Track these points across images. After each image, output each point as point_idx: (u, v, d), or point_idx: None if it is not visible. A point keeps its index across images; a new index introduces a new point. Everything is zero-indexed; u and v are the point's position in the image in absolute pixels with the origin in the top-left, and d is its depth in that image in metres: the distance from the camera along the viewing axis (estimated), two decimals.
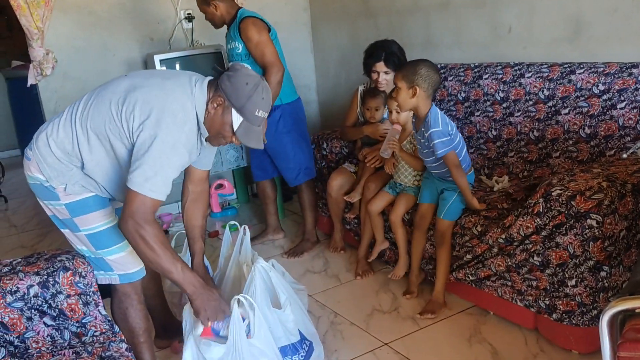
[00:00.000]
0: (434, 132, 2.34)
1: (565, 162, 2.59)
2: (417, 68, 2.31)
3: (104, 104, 1.79)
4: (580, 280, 2.05)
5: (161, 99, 1.74)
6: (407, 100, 2.35)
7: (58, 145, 1.84)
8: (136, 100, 1.74)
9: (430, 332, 2.46)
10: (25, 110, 6.25)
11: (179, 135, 1.74)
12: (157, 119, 1.71)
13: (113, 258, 1.95)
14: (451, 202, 2.47)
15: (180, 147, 1.75)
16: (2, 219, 4.55)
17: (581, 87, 2.61)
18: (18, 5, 3.34)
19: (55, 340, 1.82)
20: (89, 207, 1.90)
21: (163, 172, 1.71)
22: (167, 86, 1.79)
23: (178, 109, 1.75)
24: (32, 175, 1.89)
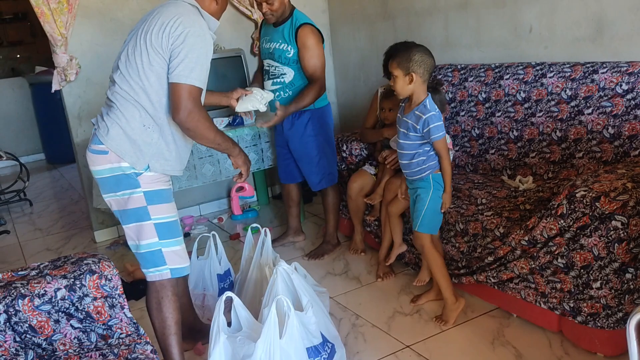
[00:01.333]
0: (432, 116, 2.31)
1: (589, 163, 2.56)
2: (411, 55, 2.30)
3: (134, 60, 1.98)
4: (605, 283, 2.03)
5: (173, 11, 1.97)
6: (405, 88, 2.34)
7: (131, 125, 1.99)
8: (153, 24, 1.96)
9: (453, 334, 2.45)
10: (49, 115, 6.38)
11: (203, 26, 2.00)
12: (181, 20, 1.94)
13: (171, 250, 2.07)
14: (425, 208, 2.43)
15: (207, 36, 1.99)
16: (28, 222, 4.63)
17: (604, 86, 2.58)
18: (42, 12, 3.40)
19: (82, 342, 1.85)
20: (163, 198, 2.07)
21: (201, 61, 1.95)
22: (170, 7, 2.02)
23: (188, 10, 2.00)
24: (111, 166, 2.00)
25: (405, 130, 2.41)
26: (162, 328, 2.11)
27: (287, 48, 3.07)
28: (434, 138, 2.33)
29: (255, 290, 2.53)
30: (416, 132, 2.36)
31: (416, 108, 2.35)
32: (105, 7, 3.74)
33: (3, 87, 6.97)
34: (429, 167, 2.43)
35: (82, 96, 3.75)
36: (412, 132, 2.38)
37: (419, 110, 2.34)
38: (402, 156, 2.48)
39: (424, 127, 2.32)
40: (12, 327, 1.74)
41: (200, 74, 1.95)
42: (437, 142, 2.35)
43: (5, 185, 5.46)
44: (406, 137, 2.41)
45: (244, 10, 4.17)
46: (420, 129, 2.34)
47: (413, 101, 2.38)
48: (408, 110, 2.40)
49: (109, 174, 2.01)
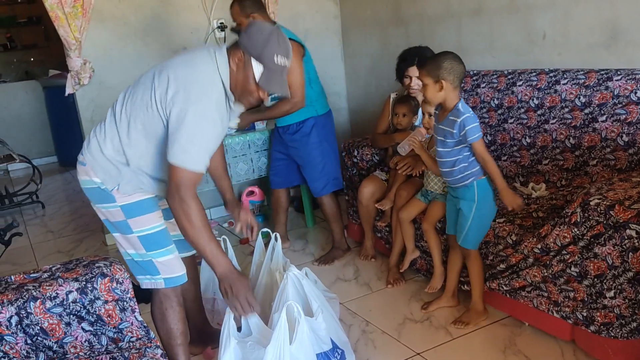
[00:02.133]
0: (468, 118, 2.29)
1: (603, 171, 2.54)
2: (441, 62, 2.29)
3: (137, 93, 1.90)
4: (619, 292, 2.00)
5: (188, 73, 1.82)
6: (435, 95, 2.33)
7: (107, 146, 1.93)
8: (165, 78, 1.83)
9: (464, 342, 2.43)
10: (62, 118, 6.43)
11: (209, 104, 1.81)
12: (186, 92, 1.79)
13: (162, 260, 2.01)
14: (469, 224, 2.41)
15: (211, 116, 1.81)
16: (40, 225, 4.66)
17: (619, 94, 2.55)
18: (56, 16, 3.43)
19: (93, 345, 1.85)
20: (143, 209, 1.97)
21: (199, 142, 1.78)
22: (190, 61, 1.87)
23: (204, 78, 1.83)
24: (88, 179, 1.97)
25: (443, 138, 2.38)
26: (168, 339, 2.09)
27: None
28: (470, 140, 2.29)
29: (266, 295, 2.52)
30: (453, 138, 2.34)
31: (450, 114, 2.34)
32: (119, 12, 3.77)
33: (17, 90, 7.03)
34: (471, 173, 2.39)
35: (95, 99, 3.78)
36: (450, 139, 2.35)
37: (452, 115, 2.33)
38: (442, 164, 2.45)
39: (460, 129, 2.30)
40: (23, 329, 1.75)
41: (200, 156, 1.80)
42: (475, 144, 2.31)
43: (18, 188, 5.51)
44: (444, 144, 2.39)
45: None
46: (456, 132, 2.31)
47: (446, 107, 2.37)
48: (442, 117, 2.39)
49: (87, 186, 1.98)
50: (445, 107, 2.37)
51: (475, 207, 2.39)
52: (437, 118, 2.45)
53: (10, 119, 6.88)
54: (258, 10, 3.09)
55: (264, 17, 3.11)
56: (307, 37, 4.50)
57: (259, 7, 3.11)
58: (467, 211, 2.41)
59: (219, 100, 1.86)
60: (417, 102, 3.02)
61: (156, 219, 2.01)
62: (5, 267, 3.62)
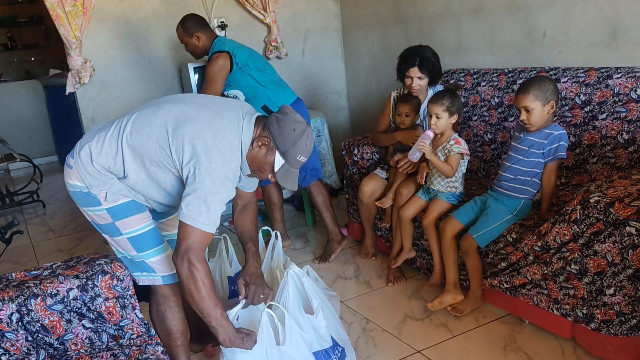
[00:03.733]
0: (564, 134, 2.35)
1: (603, 169, 2.54)
2: (547, 85, 2.33)
3: (153, 131, 1.84)
4: (619, 289, 2.01)
5: (210, 137, 1.79)
6: (543, 117, 2.35)
7: (101, 158, 1.88)
8: (186, 135, 1.79)
9: (464, 340, 2.43)
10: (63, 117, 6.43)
11: (227, 171, 1.81)
12: (208, 157, 1.77)
13: (154, 260, 1.99)
14: (494, 225, 2.43)
15: (228, 182, 1.82)
16: (40, 224, 4.67)
17: (619, 92, 2.56)
18: (57, 15, 3.44)
19: (94, 342, 1.86)
20: (130, 210, 1.94)
21: (214, 206, 1.78)
22: (216, 123, 1.83)
23: (226, 147, 1.81)
24: (73, 183, 1.94)
25: (527, 148, 2.41)
26: (167, 340, 2.08)
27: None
28: (559, 155, 2.34)
29: None
30: (540, 149, 2.37)
31: (545, 127, 2.38)
32: (119, 11, 3.77)
33: (17, 90, 7.04)
34: (528, 191, 2.44)
35: (95, 98, 3.79)
36: (534, 149, 2.39)
37: (549, 129, 2.37)
38: (509, 171, 2.48)
39: (553, 142, 2.34)
40: (24, 326, 1.75)
41: (212, 218, 1.79)
42: (557, 162, 2.36)
43: (18, 187, 5.52)
44: (525, 154, 2.42)
45: (257, 14, 4.19)
46: (547, 144, 2.35)
47: (540, 125, 2.39)
48: (532, 129, 2.41)
49: (72, 189, 1.96)
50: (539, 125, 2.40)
51: (509, 218, 2.44)
52: (521, 129, 2.47)
53: (11, 118, 6.88)
54: (201, 30, 3.17)
55: (208, 35, 3.18)
56: (307, 36, 4.52)
57: (201, 27, 3.18)
58: (500, 214, 2.45)
59: (236, 169, 1.87)
60: (419, 101, 3.02)
61: (144, 219, 1.98)
62: (6, 266, 3.62)
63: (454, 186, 2.70)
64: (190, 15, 3.25)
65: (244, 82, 3.16)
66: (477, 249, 2.50)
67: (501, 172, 2.53)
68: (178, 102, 1.93)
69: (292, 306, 2.09)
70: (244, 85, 3.17)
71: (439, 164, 2.62)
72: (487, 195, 2.56)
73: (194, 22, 3.19)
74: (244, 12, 4.16)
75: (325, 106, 4.63)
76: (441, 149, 2.66)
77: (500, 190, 2.51)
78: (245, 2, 4.13)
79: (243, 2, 4.13)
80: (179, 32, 3.22)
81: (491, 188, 2.59)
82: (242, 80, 3.16)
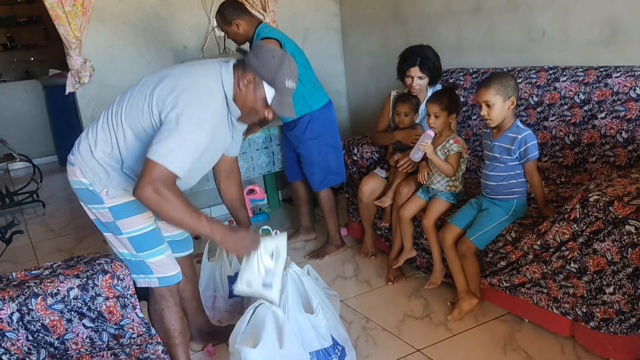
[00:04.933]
0: (529, 135, 2.34)
1: (602, 167, 2.54)
2: (508, 80, 2.33)
3: (136, 99, 1.88)
4: (618, 288, 2.01)
5: (188, 82, 1.83)
6: (503, 113, 2.35)
7: (98, 148, 1.91)
8: (166, 85, 1.83)
9: (464, 339, 2.43)
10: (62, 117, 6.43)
11: (204, 114, 1.80)
12: (185, 98, 1.78)
13: (153, 260, 1.99)
14: (490, 227, 2.43)
15: (204, 125, 1.80)
16: (40, 224, 4.67)
17: (618, 90, 2.56)
18: (57, 15, 3.44)
19: (94, 341, 1.86)
20: (132, 210, 1.95)
21: (186, 146, 1.76)
22: (194, 72, 1.88)
23: (204, 89, 1.83)
24: (76, 179, 1.95)
25: (498, 155, 2.41)
26: (166, 339, 2.09)
27: None
28: (531, 156, 2.33)
29: None
30: (510, 155, 2.37)
31: (508, 131, 2.38)
32: (119, 11, 3.77)
33: (17, 90, 7.03)
34: (517, 191, 2.43)
35: (95, 98, 3.78)
36: (505, 155, 2.39)
37: (511, 132, 2.36)
38: (489, 178, 2.47)
39: (521, 146, 2.33)
40: (24, 325, 1.75)
41: (182, 159, 1.75)
42: (531, 162, 2.35)
43: (18, 187, 5.52)
44: (498, 160, 2.42)
45: (256, 13, 4.18)
46: (515, 149, 2.35)
47: (502, 126, 2.40)
48: (497, 135, 2.42)
49: (76, 186, 1.97)
50: (500, 126, 2.40)
51: (505, 218, 2.44)
52: (489, 136, 2.48)
53: (11, 118, 6.88)
54: (239, 16, 3.09)
55: (248, 22, 3.11)
56: (307, 36, 4.51)
57: (240, 13, 3.10)
58: (495, 216, 2.44)
59: (215, 113, 1.87)
60: (418, 100, 3.02)
61: (145, 219, 1.98)
62: (6, 266, 3.62)
63: (454, 185, 2.70)
64: (226, 2, 3.13)
65: None
66: (474, 252, 2.51)
67: (483, 180, 2.52)
68: (156, 73, 1.96)
69: (292, 305, 2.09)
70: None
71: (440, 164, 2.62)
72: (482, 197, 2.57)
73: (231, 9, 3.09)
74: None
75: None
76: (441, 148, 2.66)
77: (489, 197, 2.51)
78: (245, 2, 4.12)
79: (243, 1, 4.12)
80: (218, 22, 3.16)
81: (481, 194, 2.58)
82: None
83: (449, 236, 2.56)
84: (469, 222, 2.53)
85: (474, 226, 2.47)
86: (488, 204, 2.48)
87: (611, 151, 2.53)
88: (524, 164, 2.37)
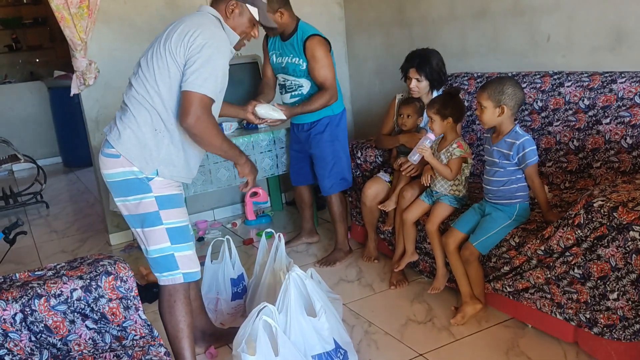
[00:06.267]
0: (527, 140, 2.32)
1: (606, 173, 2.54)
2: (504, 87, 2.31)
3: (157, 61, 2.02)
4: (622, 294, 2.00)
5: (195, 23, 2.03)
6: (493, 119, 2.35)
7: (142, 130, 2.02)
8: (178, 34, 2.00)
9: (467, 344, 2.43)
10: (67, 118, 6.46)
11: (221, 38, 2.04)
12: (201, 30, 1.98)
13: (183, 254, 2.08)
14: (494, 232, 2.42)
15: (224, 49, 2.03)
16: (44, 225, 4.68)
17: (623, 96, 2.56)
18: (62, 17, 3.45)
19: (97, 343, 1.86)
20: (175, 202, 2.08)
21: (215, 73, 1.98)
22: (193, 19, 2.07)
23: (210, 23, 2.05)
24: (123, 170, 2.02)
25: (497, 160, 2.41)
26: (174, 331, 2.12)
27: (299, 61, 3.11)
28: (530, 162, 2.32)
29: (269, 295, 2.53)
30: (509, 160, 2.36)
31: (506, 136, 2.37)
32: (124, 13, 3.78)
33: (22, 91, 7.06)
34: (519, 195, 2.42)
35: (100, 100, 3.79)
36: (504, 160, 2.38)
37: (510, 137, 2.36)
38: (490, 183, 2.46)
39: (519, 151, 2.32)
40: (27, 326, 1.75)
41: (214, 85, 1.97)
42: (531, 167, 2.33)
43: (22, 188, 5.54)
44: (497, 165, 2.41)
45: None
46: (514, 154, 2.34)
47: (500, 131, 2.40)
48: (496, 139, 2.42)
49: (120, 178, 2.03)
50: (499, 131, 2.40)
51: (508, 223, 2.42)
52: (489, 140, 2.47)
53: (16, 119, 6.90)
54: (285, 6, 3.09)
55: (291, 14, 3.12)
56: None
57: (286, 3, 3.11)
58: (498, 221, 2.43)
59: (225, 38, 2.08)
60: (423, 104, 3.02)
61: (184, 214, 2.12)
62: (10, 266, 3.63)
63: (457, 190, 2.70)
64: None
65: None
66: (478, 257, 2.50)
67: (485, 185, 2.51)
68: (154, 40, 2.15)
69: (295, 308, 2.09)
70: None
71: (439, 167, 2.62)
72: (485, 202, 2.56)
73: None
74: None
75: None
76: (444, 151, 2.66)
77: (491, 202, 2.50)
78: None
79: None
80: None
81: (484, 199, 2.57)
82: None
83: (452, 241, 2.55)
84: (472, 227, 2.52)
85: (477, 231, 2.47)
86: (491, 209, 2.48)
87: (616, 157, 2.53)
88: (523, 169, 2.36)
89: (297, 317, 2.09)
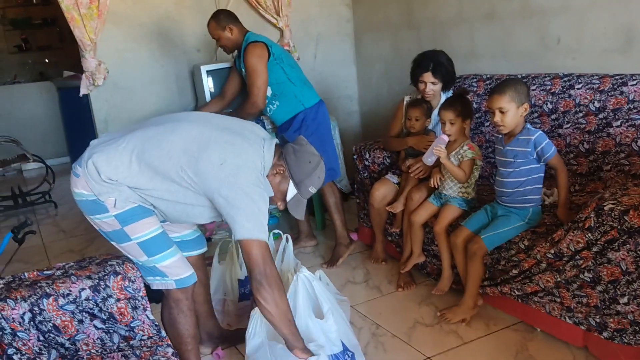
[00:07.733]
0: (541, 135, 2.33)
1: (617, 176, 2.52)
2: (518, 86, 2.34)
3: (174, 151, 1.86)
4: (632, 298, 1.99)
5: (234, 156, 1.85)
6: (515, 120, 2.35)
7: (110, 171, 1.87)
8: (210, 158, 1.83)
9: (475, 347, 2.41)
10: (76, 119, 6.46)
11: (256, 181, 1.86)
12: (236, 177, 1.81)
13: (165, 264, 1.98)
14: (505, 230, 2.41)
15: (259, 188, 1.86)
16: (52, 224, 4.70)
17: (634, 99, 2.54)
18: (72, 18, 3.47)
19: (105, 343, 1.86)
20: (138, 215, 1.93)
21: (257, 208, 1.83)
22: (237, 142, 1.89)
23: (251, 165, 1.87)
24: (79, 191, 1.93)
25: (512, 159, 2.40)
26: (179, 344, 2.08)
27: (244, 71, 3.20)
28: (551, 154, 2.32)
29: None
30: (526, 157, 2.36)
31: (519, 134, 2.38)
32: (133, 14, 3.80)
33: (31, 91, 7.09)
34: (532, 199, 2.42)
35: (109, 100, 3.81)
36: (521, 158, 2.38)
37: (523, 135, 2.36)
38: (505, 184, 2.45)
39: (536, 147, 2.33)
40: (36, 326, 1.76)
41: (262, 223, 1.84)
42: (554, 157, 2.34)
43: (31, 187, 5.56)
44: (512, 165, 2.41)
45: (270, 18, 4.20)
46: (531, 150, 2.34)
47: (514, 131, 2.39)
48: (509, 140, 2.41)
49: (80, 199, 1.94)
50: (512, 131, 2.40)
51: (521, 224, 2.42)
52: (501, 141, 2.47)
53: (25, 119, 6.94)
54: (234, 22, 3.19)
55: (240, 29, 3.21)
56: (319, 41, 4.52)
57: (234, 19, 3.22)
58: (512, 220, 2.43)
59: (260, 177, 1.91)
60: (430, 106, 3.01)
61: (152, 223, 1.96)
62: (18, 266, 3.64)
63: (466, 192, 2.69)
64: (221, 9, 3.32)
65: (275, 76, 3.16)
66: (483, 255, 2.48)
67: (498, 187, 2.50)
68: (195, 122, 1.95)
69: (303, 310, 2.09)
70: (274, 79, 3.16)
71: (453, 169, 2.61)
72: (497, 205, 2.55)
73: (225, 14, 3.24)
74: (257, 15, 4.17)
75: (336, 110, 4.63)
76: (454, 154, 2.65)
77: (504, 205, 2.49)
78: (258, 6, 4.14)
79: (256, 6, 4.14)
80: (211, 26, 3.22)
81: (496, 202, 2.56)
82: (274, 73, 3.16)
83: (460, 238, 2.54)
84: (482, 226, 2.51)
85: (489, 228, 2.46)
86: (504, 212, 2.46)
87: (626, 160, 2.51)
88: (547, 160, 2.35)
89: (305, 319, 2.09)
